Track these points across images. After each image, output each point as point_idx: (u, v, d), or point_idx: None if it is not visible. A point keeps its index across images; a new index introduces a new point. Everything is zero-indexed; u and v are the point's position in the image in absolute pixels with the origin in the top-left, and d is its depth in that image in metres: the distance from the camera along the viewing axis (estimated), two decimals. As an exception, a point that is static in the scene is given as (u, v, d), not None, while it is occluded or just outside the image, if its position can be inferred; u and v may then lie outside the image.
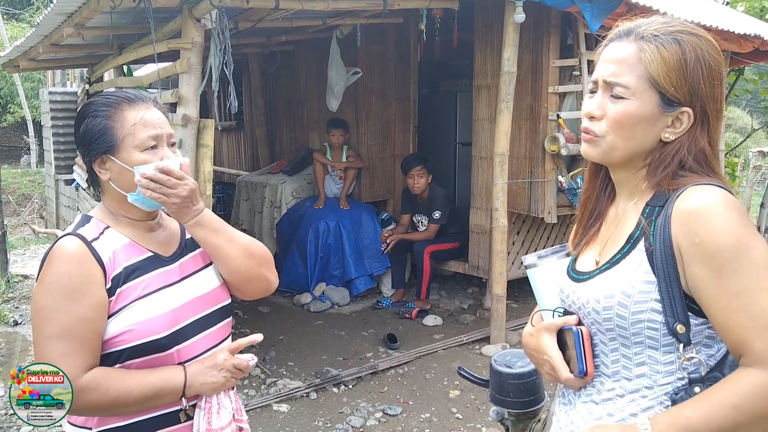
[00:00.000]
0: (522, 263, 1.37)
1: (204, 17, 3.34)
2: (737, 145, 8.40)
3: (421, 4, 4.36)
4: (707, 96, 1.08)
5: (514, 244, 5.07)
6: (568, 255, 1.31)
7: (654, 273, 1.06)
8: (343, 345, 4.52)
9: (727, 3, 7.10)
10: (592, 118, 1.14)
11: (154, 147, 1.39)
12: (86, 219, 1.42)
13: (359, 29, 4.94)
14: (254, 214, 6.29)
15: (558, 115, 4.50)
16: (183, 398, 1.38)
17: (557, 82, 4.57)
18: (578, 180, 4.64)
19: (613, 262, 1.13)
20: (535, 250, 5.19)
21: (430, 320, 4.94)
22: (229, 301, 1.55)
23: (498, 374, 1.85)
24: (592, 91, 1.16)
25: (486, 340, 4.45)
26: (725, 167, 6.40)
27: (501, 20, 4.27)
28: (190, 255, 1.50)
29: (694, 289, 1.03)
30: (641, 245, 1.09)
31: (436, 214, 5.23)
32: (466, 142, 5.94)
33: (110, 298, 1.33)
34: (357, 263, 5.45)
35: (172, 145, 1.45)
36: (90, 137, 1.39)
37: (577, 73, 4.53)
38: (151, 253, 1.42)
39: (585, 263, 1.22)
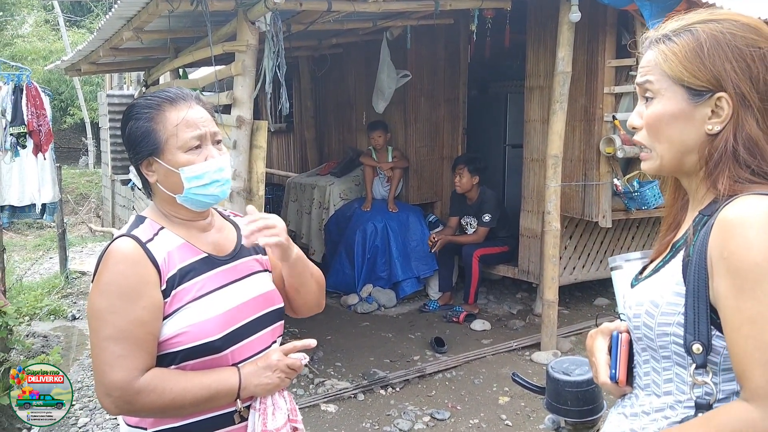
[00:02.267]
0: (609, 263, 1.37)
1: (258, 20, 3.38)
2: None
3: (473, 4, 4.31)
4: (739, 77, 0.99)
5: (566, 248, 4.95)
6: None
7: (685, 285, 1.00)
8: (390, 347, 4.50)
9: (795, -1, 6.78)
10: (634, 128, 1.11)
11: (198, 147, 1.37)
12: (140, 220, 1.41)
13: (409, 31, 4.93)
14: (302, 215, 6.35)
15: (614, 117, 4.38)
16: (238, 400, 1.36)
17: (613, 83, 4.45)
18: (634, 183, 4.50)
19: (655, 270, 1.10)
20: (588, 255, 5.09)
21: (478, 325, 4.87)
22: (282, 304, 1.54)
23: (555, 381, 1.80)
24: None
25: (536, 346, 4.35)
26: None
27: (555, 19, 4.18)
28: (245, 258, 1.49)
29: (716, 305, 0.96)
30: (680, 255, 1.03)
31: (486, 217, 5.15)
32: (516, 143, 5.86)
33: (165, 300, 1.32)
34: (404, 265, 5.42)
35: (218, 142, 1.42)
36: (134, 140, 1.37)
37: (634, 73, 4.39)
38: (205, 254, 1.41)
39: (648, 271, 1.19)
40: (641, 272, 1.22)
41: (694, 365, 0.98)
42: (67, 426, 3.41)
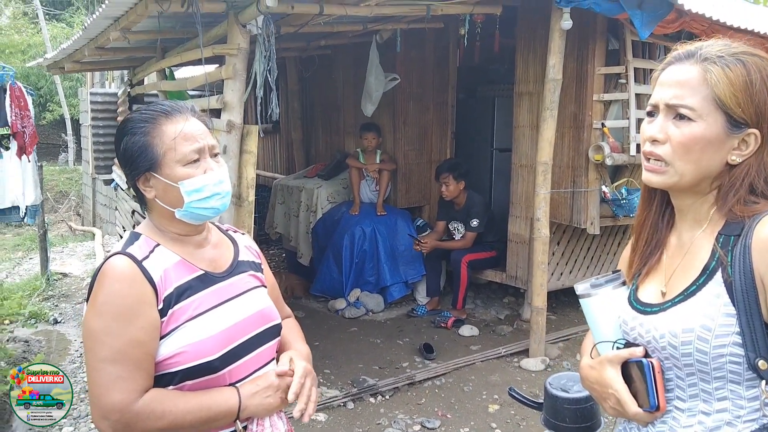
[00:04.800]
0: (576, 290, 1.31)
1: (250, 23, 3.33)
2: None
3: (464, 9, 4.30)
4: None
5: (554, 254, 4.97)
6: (623, 284, 1.26)
7: (734, 305, 1.01)
8: (379, 353, 4.48)
9: (778, 9, 6.88)
10: (654, 141, 1.10)
11: (197, 160, 1.35)
12: (135, 236, 1.38)
13: (399, 34, 4.90)
14: (290, 218, 6.30)
15: (603, 124, 4.41)
16: (236, 420, 1.34)
17: (602, 90, 4.47)
18: (623, 190, 4.53)
19: (687, 294, 1.09)
20: (575, 261, 5.10)
21: (467, 330, 4.87)
22: (279, 320, 1.51)
23: (553, 398, 1.79)
24: (650, 114, 1.13)
25: (525, 352, 4.36)
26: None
27: (545, 26, 4.18)
28: (242, 275, 1.47)
29: None
30: (718, 276, 1.05)
31: (474, 222, 5.15)
32: (503, 148, 5.86)
33: (162, 319, 1.29)
34: (392, 270, 5.40)
35: (215, 155, 1.40)
36: (131, 156, 1.34)
37: (623, 81, 4.42)
38: (201, 272, 1.38)
39: (649, 294, 1.18)
40: (636, 294, 1.21)
41: (764, 381, 1.00)
42: (50, 435, 3.33)
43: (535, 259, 4.31)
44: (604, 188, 4.52)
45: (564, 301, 5.43)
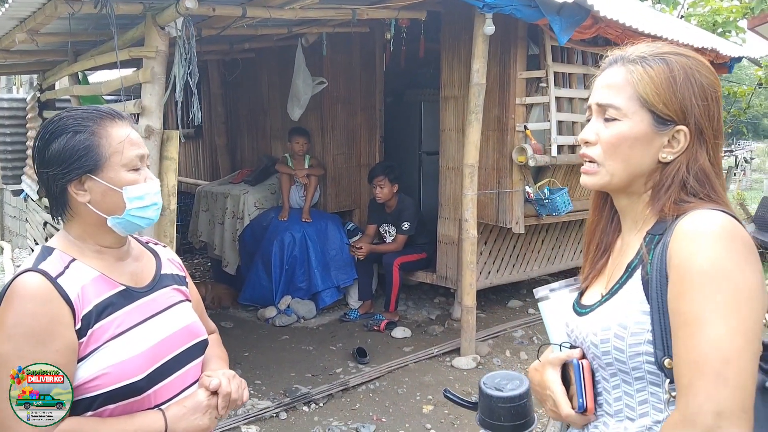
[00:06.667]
0: (535, 294, 1.33)
1: (168, 25, 3.21)
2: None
3: (390, 14, 4.33)
4: (701, 113, 1.05)
5: (482, 254, 5.06)
6: (579, 288, 1.28)
7: (649, 303, 1.01)
8: (312, 360, 4.41)
9: (682, 17, 7.33)
10: (587, 143, 1.12)
11: (138, 168, 1.31)
12: (48, 251, 1.27)
13: (325, 38, 4.87)
14: (214, 225, 6.12)
15: (525, 127, 4.54)
16: None
17: (524, 94, 4.60)
18: (545, 190, 4.68)
19: (611, 293, 1.10)
20: (502, 260, 5.22)
21: (399, 332, 4.89)
22: (206, 336, 1.46)
23: (488, 398, 1.81)
24: (588, 119, 1.14)
25: (456, 351, 4.42)
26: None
27: (469, 31, 4.27)
28: (166, 288, 1.41)
29: None
30: (638, 274, 1.05)
31: (405, 225, 5.18)
32: (430, 151, 5.95)
33: (80, 340, 1.20)
34: (323, 275, 5.35)
35: (147, 166, 1.37)
36: (69, 155, 1.24)
37: (543, 84, 4.57)
38: (123, 287, 1.30)
39: (591, 297, 1.18)
40: (581, 297, 1.23)
41: (668, 380, 0.98)
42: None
43: (464, 259, 4.38)
44: (527, 189, 4.65)
45: (492, 299, 5.55)
